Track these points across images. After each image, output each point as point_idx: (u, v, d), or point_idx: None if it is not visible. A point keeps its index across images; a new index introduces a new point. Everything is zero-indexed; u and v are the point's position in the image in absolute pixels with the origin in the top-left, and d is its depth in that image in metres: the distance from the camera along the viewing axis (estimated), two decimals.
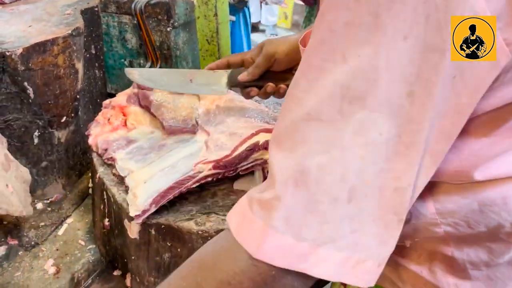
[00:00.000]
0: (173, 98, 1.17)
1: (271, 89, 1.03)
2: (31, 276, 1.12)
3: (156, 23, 1.73)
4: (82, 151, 1.40)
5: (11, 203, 1.07)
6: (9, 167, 1.11)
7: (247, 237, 0.52)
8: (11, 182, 1.09)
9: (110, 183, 1.03)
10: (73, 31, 1.21)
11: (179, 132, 1.10)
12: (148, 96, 1.18)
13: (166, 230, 0.93)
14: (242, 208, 0.55)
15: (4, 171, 1.08)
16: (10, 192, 1.06)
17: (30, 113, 1.19)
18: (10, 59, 1.09)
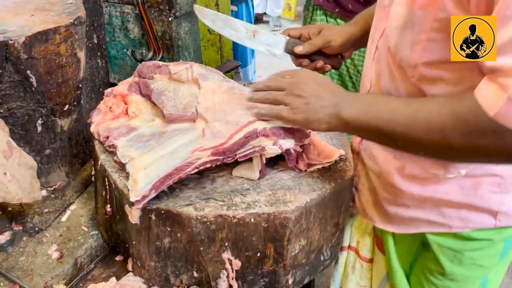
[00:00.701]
0: (174, 86, 1.18)
1: (320, 66, 1.21)
2: (35, 260, 1.14)
3: (158, 13, 1.74)
4: (84, 139, 1.42)
5: (8, 191, 1.07)
6: (11, 154, 1.12)
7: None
8: (12, 170, 1.10)
9: (111, 169, 1.05)
10: (75, 20, 1.22)
11: (179, 119, 1.11)
12: (149, 85, 1.19)
13: (166, 215, 0.95)
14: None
15: (5, 159, 1.09)
16: (8, 180, 1.07)
17: (33, 101, 1.21)
18: (13, 48, 1.11)
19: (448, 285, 1.06)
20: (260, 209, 0.93)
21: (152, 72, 1.20)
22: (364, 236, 1.20)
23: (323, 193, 0.99)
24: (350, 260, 1.25)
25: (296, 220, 0.95)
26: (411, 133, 0.81)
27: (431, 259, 1.04)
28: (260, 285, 1.03)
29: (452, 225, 1.00)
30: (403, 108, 0.83)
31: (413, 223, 1.04)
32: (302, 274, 1.06)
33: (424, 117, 0.80)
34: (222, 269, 0.99)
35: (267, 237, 0.96)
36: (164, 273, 1.04)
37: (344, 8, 2.13)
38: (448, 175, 0.95)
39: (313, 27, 1.24)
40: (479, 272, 1.05)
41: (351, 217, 1.23)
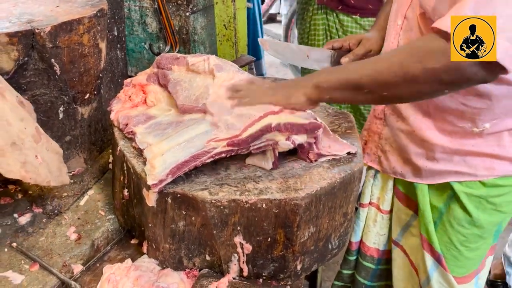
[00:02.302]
0: (189, 78, 1.22)
1: None
2: (54, 241, 1.19)
3: (175, 8, 1.79)
4: (103, 128, 1.47)
5: (39, 173, 1.12)
6: (40, 139, 1.16)
7: None
8: (42, 154, 1.14)
9: (130, 155, 1.10)
10: (98, 12, 1.27)
11: (191, 110, 1.13)
12: (167, 75, 1.24)
13: (182, 199, 0.99)
14: None
15: (35, 143, 1.13)
16: (39, 163, 1.12)
17: (56, 89, 1.26)
18: (39, 37, 1.16)
19: (473, 232, 1.20)
20: (272, 195, 0.97)
21: (170, 63, 1.25)
22: (385, 192, 1.37)
23: (333, 182, 1.02)
24: (371, 215, 1.43)
25: (306, 207, 0.99)
26: (376, 75, 0.93)
27: (459, 209, 1.19)
28: (269, 269, 1.06)
29: (478, 174, 1.14)
30: (367, 60, 1.00)
31: (442, 175, 1.18)
32: (310, 261, 1.10)
33: (386, 57, 0.97)
34: (233, 253, 1.03)
35: (278, 223, 0.99)
36: (178, 256, 1.08)
37: (347, 4, 2.22)
38: (474, 129, 1.09)
39: (352, 38, 1.40)
40: (498, 217, 1.20)
41: (372, 178, 1.40)
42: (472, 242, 1.22)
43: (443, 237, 1.24)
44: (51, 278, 1.08)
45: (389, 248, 1.44)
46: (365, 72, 0.95)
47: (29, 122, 1.13)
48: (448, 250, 1.24)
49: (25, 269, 1.10)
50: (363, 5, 2.25)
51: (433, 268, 1.27)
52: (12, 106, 1.08)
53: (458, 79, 0.86)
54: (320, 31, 2.35)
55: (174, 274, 1.08)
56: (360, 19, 2.27)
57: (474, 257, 1.26)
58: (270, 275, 1.07)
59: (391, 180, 1.35)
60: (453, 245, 1.23)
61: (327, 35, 2.36)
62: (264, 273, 1.07)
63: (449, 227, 1.22)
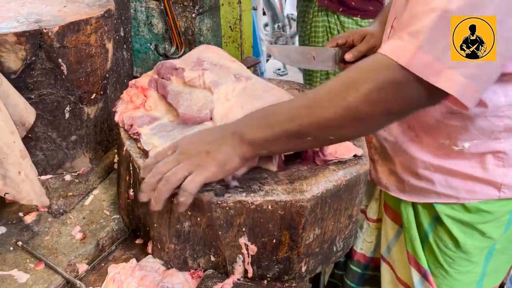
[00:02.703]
0: (190, 90, 1.21)
1: None
2: (59, 240, 1.20)
3: (181, 9, 1.80)
4: (108, 128, 1.48)
5: (20, 190, 1.06)
6: (26, 155, 1.11)
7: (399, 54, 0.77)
8: (26, 170, 1.09)
9: (136, 155, 1.10)
10: (105, 12, 1.28)
11: (192, 120, 1.12)
12: (166, 85, 1.22)
13: None
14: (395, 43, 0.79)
15: (21, 158, 1.08)
16: (21, 180, 1.06)
17: (63, 89, 1.27)
18: (47, 36, 1.16)
19: (460, 256, 1.14)
20: (278, 197, 0.97)
21: (169, 73, 1.23)
22: (372, 200, 1.36)
23: (339, 185, 1.02)
24: (359, 221, 1.41)
25: (311, 209, 0.99)
26: (316, 116, 0.82)
27: (444, 232, 1.13)
28: (274, 271, 1.06)
29: (459, 196, 1.09)
30: (299, 98, 0.89)
31: (425, 194, 1.14)
32: (315, 263, 1.10)
33: (324, 92, 0.83)
34: (238, 254, 1.03)
35: (283, 224, 0.99)
36: (183, 256, 1.08)
37: (347, 6, 2.23)
38: (453, 147, 1.05)
39: (356, 34, 1.36)
40: (487, 242, 1.14)
41: None
42: (461, 265, 1.17)
43: (430, 256, 1.19)
44: (56, 277, 1.09)
45: (377, 256, 1.40)
46: (302, 119, 0.83)
47: (18, 136, 1.09)
48: (436, 268, 1.20)
49: (30, 268, 1.11)
50: (364, 7, 2.25)
51: (419, 284, 1.22)
52: (5, 118, 1.05)
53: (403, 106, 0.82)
54: (320, 33, 2.36)
55: (179, 275, 1.08)
56: (361, 20, 2.27)
57: (465, 280, 1.19)
58: (275, 277, 1.08)
59: (377, 191, 1.34)
60: (441, 265, 1.18)
61: (328, 37, 2.36)
62: (268, 274, 1.07)
63: (436, 248, 1.17)
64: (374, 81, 0.78)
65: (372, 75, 0.79)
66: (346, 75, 0.83)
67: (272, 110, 0.88)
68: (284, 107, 0.87)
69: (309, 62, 1.41)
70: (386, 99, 0.79)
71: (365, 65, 0.83)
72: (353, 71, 0.83)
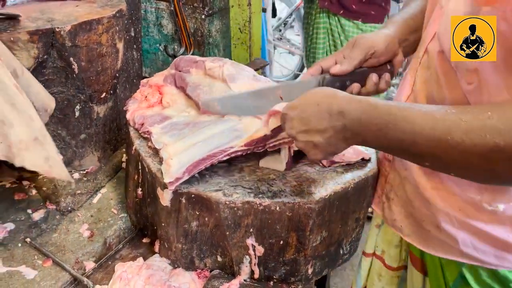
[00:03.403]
0: (209, 82, 1.24)
1: (376, 78, 1.00)
2: (67, 237, 1.20)
3: (191, 10, 1.81)
4: (117, 127, 1.49)
5: (63, 168, 1.07)
6: None
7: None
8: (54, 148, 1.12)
9: (145, 154, 1.11)
10: (117, 12, 1.29)
11: None
12: (185, 78, 1.25)
13: (196, 199, 1.00)
14: None
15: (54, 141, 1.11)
16: (60, 158, 1.09)
17: (73, 88, 1.28)
18: (59, 35, 1.17)
19: None
20: (286, 199, 0.98)
21: (189, 66, 1.26)
22: (390, 247, 1.16)
23: (347, 187, 1.02)
24: (375, 268, 1.23)
25: (319, 211, 0.99)
26: (442, 157, 0.71)
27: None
28: (280, 272, 1.06)
29: (487, 261, 0.91)
30: (423, 120, 0.72)
31: (446, 248, 0.95)
32: (321, 265, 1.10)
33: (460, 141, 0.68)
34: (245, 255, 1.04)
35: (291, 226, 1.00)
36: (190, 256, 1.08)
37: (348, 9, 2.23)
38: (485, 205, 0.86)
39: (345, 47, 1.03)
40: None
41: (377, 228, 1.20)
42: None
43: None
44: (63, 274, 1.09)
45: None
46: (424, 150, 0.72)
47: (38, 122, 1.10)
48: None
49: (38, 265, 1.12)
50: (365, 11, 2.24)
51: None
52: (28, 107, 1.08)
53: None
54: (321, 34, 2.35)
55: (185, 274, 1.09)
56: (362, 24, 2.25)
57: None
58: (281, 278, 1.08)
59: (397, 236, 1.12)
60: None
61: (329, 40, 2.35)
62: (275, 276, 1.07)
63: None
64: None
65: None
66: (487, 119, 0.67)
67: (393, 122, 0.74)
68: (407, 125, 0.73)
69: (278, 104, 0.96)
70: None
71: None
72: (497, 117, 0.67)
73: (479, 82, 0.76)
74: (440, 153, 0.71)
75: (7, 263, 1.11)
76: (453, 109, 0.72)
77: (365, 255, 1.25)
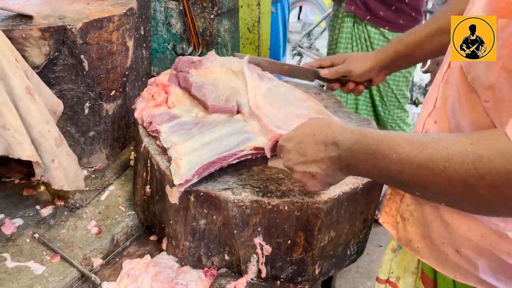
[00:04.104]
0: (212, 81, 1.24)
1: (352, 86, 1.32)
2: (75, 234, 1.21)
3: (200, 10, 1.81)
4: (126, 125, 1.49)
5: (53, 176, 1.14)
6: (61, 143, 1.17)
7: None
8: (60, 158, 1.15)
9: (154, 152, 1.11)
10: (128, 10, 1.30)
11: (221, 110, 1.17)
12: (188, 78, 1.25)
13: (204, 197, 1.00)
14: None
15: (56, 146, 1.14)
16: (54, 167, 1.13)
17: (83, 85, 1.29)
18: (70, 33, 1.18)
19: None
20: (294, 198, 0.98)
21: (187, 67, 1.27)
22: (406, 274, 1.11)
23: (355, 188, 1.02)
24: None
25: (328, 211, 0.99)
26: (428, 185, 0.72)
27: None
28: (288, 272, 1.06)
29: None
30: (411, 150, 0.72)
31: (463, 272, 0.91)
32: (328, 266, 1.10)
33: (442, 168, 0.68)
34: (253, 253, 1.04)
35: (299, 226, 1.00)
36: (197, 254, 1.09)
37: (375, 15, 2.11)
38: (508, 233, 0.80)
39: (341, 56, 1.34)
40: None
41: (392, 252, 1.15)
42: None
43: None
44: (71, 270, 1.10)
45: None
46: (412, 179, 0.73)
47: (54, 125, 1.15)
48: None
49: (46, 260, 1.12)
50: (394, 19, 2.10)
51: None
52: (40, 108, 1.10)
53: None
54: (343, 39, 2.25)
55: (192, 272, 1.09)
56: (389, 33, 2.11)
57: None
58: (288, 278, 1.08)
59: (415, 262, 1.08)
60: None
61: (353, 46, 2.24)
62: (282, 275, 1.07)
63: None
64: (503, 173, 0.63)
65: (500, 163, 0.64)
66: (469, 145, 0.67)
67: (382, 151, 0.76)
68: (393, 154, 0.74)
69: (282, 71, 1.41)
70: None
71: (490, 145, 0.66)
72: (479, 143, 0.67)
73: (495, 99, 0.74)
74: (425, 181, 0.71)
75: (15, 259, 1.12)
76: (439, 136, 0.72)
77: (379, 281, 1.19)
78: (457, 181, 0.67)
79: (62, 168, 1.16)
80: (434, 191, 0.72)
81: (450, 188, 0.68)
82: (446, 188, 0.69)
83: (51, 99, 1.19)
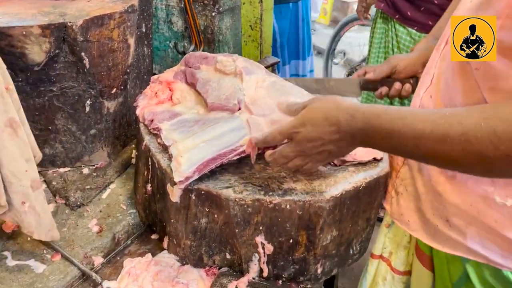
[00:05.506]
0: (218, 78, 1.23)
1: (398, 86, 1.30)
2: (76, 232, 1.20)
3: (202, 7, 1.80)
4: (127, 123, 1.49)
5: (22, 220, 1.03)
6: (39, 187, 1.06)
7: None
8: (36, 202, 1.04)
9: (155, 150, 1.10)
10: (129, 7, 1.29)
11: (221, 109, 1.16)
12: (195, 74, 1.25)
13: (206, 196, 0.99)
14: None
15: (31, 189, 1.03)
16: (24, 210, 1.02)
17: (84, 83, 1.28)
18: (71, 30, 1.17)
19: None
20: (296, 197, 0.97)
21: (199, 62, 1.26)
22: (398, 248, 1.15)
23: (358, 187, 1.01)
24: (381, 271, 1.20)
25: (330, 210, 0.98)
26: (444, 157, 0.75)
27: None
28: (289, 271, 1.06)
29: (492, 260, 0.89)
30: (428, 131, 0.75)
31: (451, 243, 0.94)
32: (330, 265, 1.09)
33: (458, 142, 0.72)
34: (254, 252, 1.03)
35: (301, 225, 0.99)
36: (198, 252, 1.08)
37: (403, 15, 2.08)
38: (496, 198, 0.85)
39: (384, 63, 1.37)
40: None
41: (386, 228, 1.17)
42: None
43: None
44: (72, 268, 1.10)
45: None
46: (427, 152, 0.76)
47: (33, 165, 1.04)
48: None
49: (47, 259, 1.12)
50: (422, 20, 2.04)
51: None
52: (21, 144, 1.00)
53: None
54: (376, 39, 2.23)
55: (193, 271, 1.08)
56: (415, 33, 2.07)
57: None
58: (290, 277, 1.07)
59: (407, 237, 1.13)
60: None
61: (385, 46, 2.21)
62: (284, 274, 1.06)
63: None
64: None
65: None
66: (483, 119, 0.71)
67: (396, 130, 0.79)
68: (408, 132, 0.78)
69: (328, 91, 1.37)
70: None
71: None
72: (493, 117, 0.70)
73: (485, 67, 0.78)
74: (441, 154, 0.75)
75: (16, 257, 1.11)
76: (450, 111, 0.75)
77: (373, 257, 1.23)
78: (473, 153, 0.71)
79: (34, 213, 1.04)
80: (449, 162, 0.76)
81: (465, 159, 0.73)
82: (462, 159, 0.73)
83: (32, 142, 1.09)
